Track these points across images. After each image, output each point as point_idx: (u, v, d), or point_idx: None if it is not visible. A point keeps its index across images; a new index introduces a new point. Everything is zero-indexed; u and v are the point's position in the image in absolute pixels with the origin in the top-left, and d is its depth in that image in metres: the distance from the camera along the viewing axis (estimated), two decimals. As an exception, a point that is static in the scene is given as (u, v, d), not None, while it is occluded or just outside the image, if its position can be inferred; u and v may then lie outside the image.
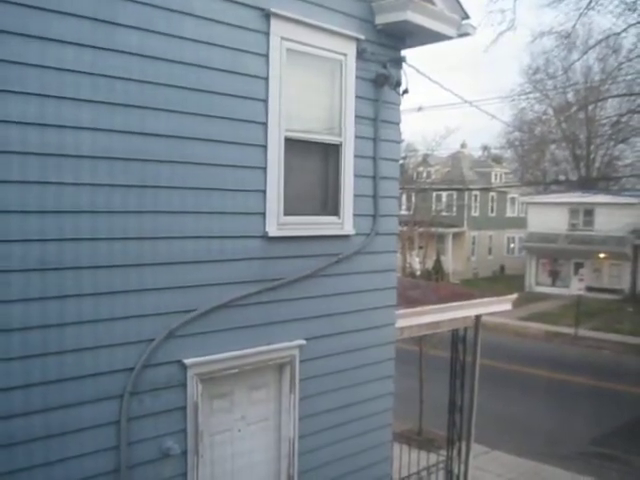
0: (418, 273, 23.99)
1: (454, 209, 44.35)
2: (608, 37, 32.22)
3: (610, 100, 44.13)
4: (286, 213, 6.45)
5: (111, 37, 5.08)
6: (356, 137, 7.06)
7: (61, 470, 5.03)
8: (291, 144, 6.47)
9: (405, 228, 23.35)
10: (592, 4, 27.32)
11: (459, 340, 10.99)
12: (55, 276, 4.90)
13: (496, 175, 51.92)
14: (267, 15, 6.10)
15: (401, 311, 8.10)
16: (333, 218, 6.97)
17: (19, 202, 4.70)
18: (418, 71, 8.14)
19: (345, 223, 7.04)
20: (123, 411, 5.31)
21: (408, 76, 7.45)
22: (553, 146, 53.42)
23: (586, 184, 47.12)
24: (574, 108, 47.36)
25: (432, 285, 13.37)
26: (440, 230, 39.05)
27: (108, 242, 5.19)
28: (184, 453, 5.80)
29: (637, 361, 24.36)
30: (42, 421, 4.90)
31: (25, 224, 4.74)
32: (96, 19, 4.98)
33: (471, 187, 46.05)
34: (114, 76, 5.11)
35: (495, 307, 10.72)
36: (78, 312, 5.04)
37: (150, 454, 5.57)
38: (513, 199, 51.24)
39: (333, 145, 6.92)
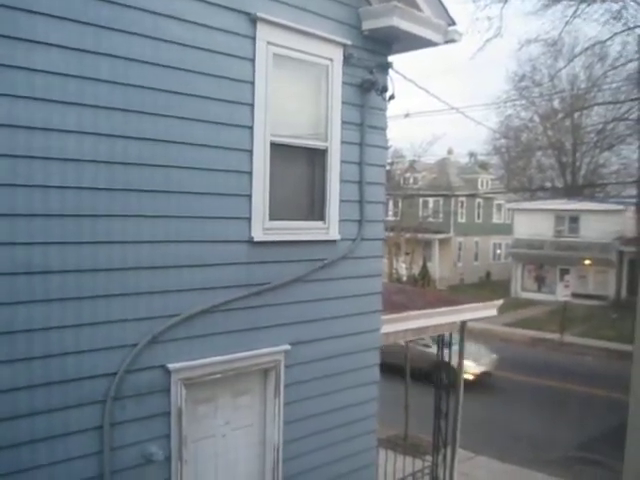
0: (404, 279, 24.04)
1: (440, 215, 44.49)
2: (594, 45, 32.55)
3: (596, 108, 44.46)
4: (272, 218, 6.44)
5: (96, 40, 5.05)
6: (342, 142, 7.06)
7: (44, 475, 4.99)
8: (277, 149, 6.47)
9: (392, 234, 23.44)
10: (578, 12, 27.59)
11: (445, 346, 11.01)
12: (39, 280, 4.86)
13: (482, 181, 52.09)
14: (253, 20, 6.10)
15: (387, 316, 8.11)
16: (319, 223, 6.97)
17: (5, 205, 4.66)
18: (405, 77, 8.17)
19: (331, 228, 7.03)
20: (106, 416, 5.27)
21: (395, 82, 7.48)
22: (539, 153, 53.68)
23: (572, 191, 47.39)
24: (560, 115, 47.66)
25: (418, 291, 13.40)
26: (427, 236, 39.29)
27: (92, 246, 5.15)
28: (168, 459, 5.76)
29: (622, 367, 24.47)
30: (24, 426, 4.85)
31: (11, 227, 4.70)
32: (81, 22, 4.95)
33: (457, 193, 46.21)
34: (98, 79, 5.09)
35: (481, 313, 10.76)
36: (61, 316, 5.00)
37: (133, 460, 5.52)
38: (499, 205, 51.45)
39: (319, 150, 6.92)
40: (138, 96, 5.35)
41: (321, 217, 6.99)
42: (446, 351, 11.14)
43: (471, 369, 18.44)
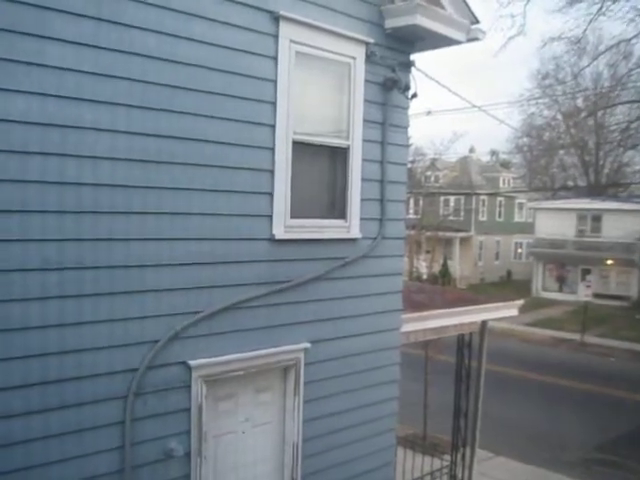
0: (425, 277, 23.96)
1: (462, 214, 44.27)
2: (619, 43, 32.17)
3: (620, 106, 44.01)
4: (293, 216, 6.45)
5: (121, 38, 5.08)
6: (364, 141, 7.05)
7: (68, 469, 5.05)
8: (299, 147, 6.47)
9: (413, 232, 23.36)
10: (603, 10, 27.26)
11: (465, 345, 10.96)
12: (57, 276, 4.90)
13: (504, 180, 51.81)
14: (276, 18, 6.10)
15: (407, 315, 8.09)
16: (340, 221, 6.97)
17: (19, 201, 4.68)
18: (427, 75, 8.14)
19: (352, 226, 7.03)
20: (127, 412, 5.32)
21: (417, 80, 7.45)
22: (562, 152, 53.27)
23: (594, 190, 46.99)
24: (583, 114, 47.24)
25: (438, 289, 13.34)
26: (447, 234, 39.08)
27: (124, 242, 5.22)
28: (187, 454, 5.80)
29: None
30: (48, 420, 4.91)
31: (26, 224, 4.72)
32: (103, 19, 4.99)
33: (479, 192, 45.97)
34: (123, 77, 5.12)
35: (501, 312, 10.70)
36: (83, 312, 5.05)
37: (154, 455, 5.57)
38: (521, 204, 51.12)
39: (341, 148, 6.92)
40: (161, 94, 5.38)
41: (342, 215, 6.98)
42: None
43: None
